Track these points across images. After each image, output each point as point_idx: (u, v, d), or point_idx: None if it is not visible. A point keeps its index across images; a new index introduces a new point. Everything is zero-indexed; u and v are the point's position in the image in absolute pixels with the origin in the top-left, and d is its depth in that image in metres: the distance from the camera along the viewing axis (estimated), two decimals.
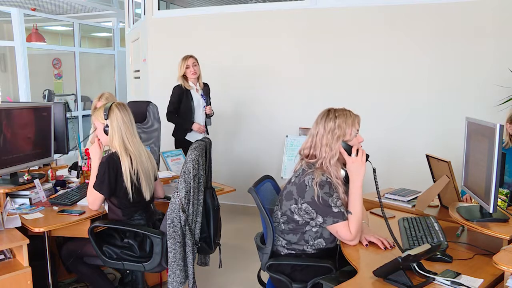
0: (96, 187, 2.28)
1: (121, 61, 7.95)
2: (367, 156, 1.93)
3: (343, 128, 1.90)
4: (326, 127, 1.92)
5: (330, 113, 1.95)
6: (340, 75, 4.37)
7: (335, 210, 1.85)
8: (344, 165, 1.96)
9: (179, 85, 3.89)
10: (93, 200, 2.33)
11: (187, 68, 3.85)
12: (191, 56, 3.87)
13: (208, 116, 3.95)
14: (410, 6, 4.09)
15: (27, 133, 2.63)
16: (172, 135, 4.02)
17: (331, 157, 1.90)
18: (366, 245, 1.89)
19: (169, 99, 3.90)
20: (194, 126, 3.87)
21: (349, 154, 1.90)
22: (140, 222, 2.39)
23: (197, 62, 3.90)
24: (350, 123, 1.92)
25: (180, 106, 3.87)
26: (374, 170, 1.91)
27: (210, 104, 3.96)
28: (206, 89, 3.92)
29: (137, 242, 2.32)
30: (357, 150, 1.90)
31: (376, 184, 1.91)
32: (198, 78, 3.94)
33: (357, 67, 4.30)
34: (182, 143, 3.91)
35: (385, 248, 1.86)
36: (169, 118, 3.92)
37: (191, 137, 3.92)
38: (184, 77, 3.87)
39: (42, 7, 7.88)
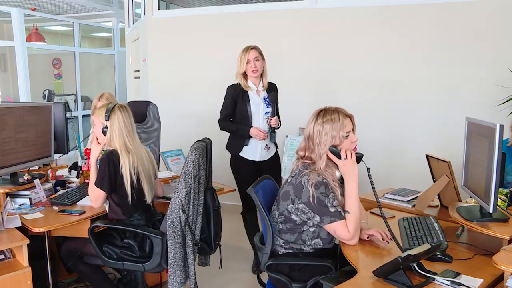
0: (98, 184, 2.28)
1: (121, 61, 7.96)
2: (362, 155, 1.93)
3: (330, 134, 1.89)
4: (315, 130, 1.92)
5: (319, 117, 1.93)
6: (340, 75, 4.37)
7: (332, 210, 1.85)
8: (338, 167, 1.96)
9: (233, 84, 3.10)
10: (96, 198, 2.32)
11: (247, 63, 3.00)
12: (253, 48, 3.02)
13: (273, 130, 3.05)
14: (410, 6, 4.09)
15: (27, 133, 2.63)
16: (226, 147, 3.19)
17: (320, 163, 1.90)
18: (368, 237, 1.91)
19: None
20: (252, 131, 2.99)
21: (339, 157, 1.90)
22: (140, 222, 2.39)
23: (261, 56, 3.04)
24: (339, 128, 1.89)
25: (235, 112, 3.08)
26: (368, 169, 1.91)
27: (277, 115, 3.07)
28: (273, 95, 3.04)
29: (136, 242, 2.33)
30: (346, 152, 1.89)
31: (372, 184, 1.92)
32: (262, 76, 3.09)
33: (357, 67, 4.31)
34: (236, 162, 3.12)
35: (383, 239, 1.88)
36: (221, 126, 3.13)
37: (248, 153, 3.08)
38: (244, 74, 3.05)
39: (42, 7, 7.88)
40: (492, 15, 3.86)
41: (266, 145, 3.10)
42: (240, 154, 3.10)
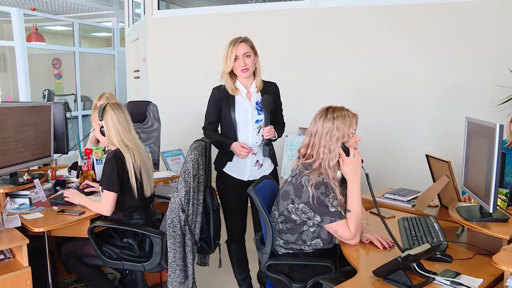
0: (107, 187, 2.27)
1: (121, 61, 7.95)
2: (362, 160, 1.94)
3: (341, 130, 1.89)
4: (324, 127, 1.91)
5: (329, 113, 1.93)
6: (340, 75, 4.37)
7: (332, 209, 1.85)
8: (339, 166, 1.96)
9: (217, 86, 2.57)
10: (107, 202, 2.29)
11: (235, 60, 2.43)
12: (242, 41, 2.45)
13: (266, 143, 2.46)
14: (411, 6, 4.09)
15: (27, 133, 2.62)
16: (214, 163, 2.62)
17: (330, 159, 1.89)
18: (367, 240, 1.90)
19: None
20: (234, 146, 2.46)
21: (347, 155, 1.90)
22: (139, 221, 2.39)
23: (253, 51, 2.47)
24: (348, 124, 1.91)
25: (221, 119, 2.56)
26: (367, 175, 1.91)
27: (269, 123, 2.45)
28: (266, 99, 2.42)
29: (136, 241, 2.33)
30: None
31: (371, 190, 1.92)
32: (255, 75, 2.52)
33: (357, 67, 4.30)
34: (220, 181, 2.60)
35: (384, 248, 1.86)
36: (205, 136, 2.58)
37: (234, 170, 2.54)
38: (232, 74, 2.50)
39: (42, 7, 7.88)
40: (492, 15, 3.86)
41: (257, 161, 2.54)
42: (225, 170, 2.56)
